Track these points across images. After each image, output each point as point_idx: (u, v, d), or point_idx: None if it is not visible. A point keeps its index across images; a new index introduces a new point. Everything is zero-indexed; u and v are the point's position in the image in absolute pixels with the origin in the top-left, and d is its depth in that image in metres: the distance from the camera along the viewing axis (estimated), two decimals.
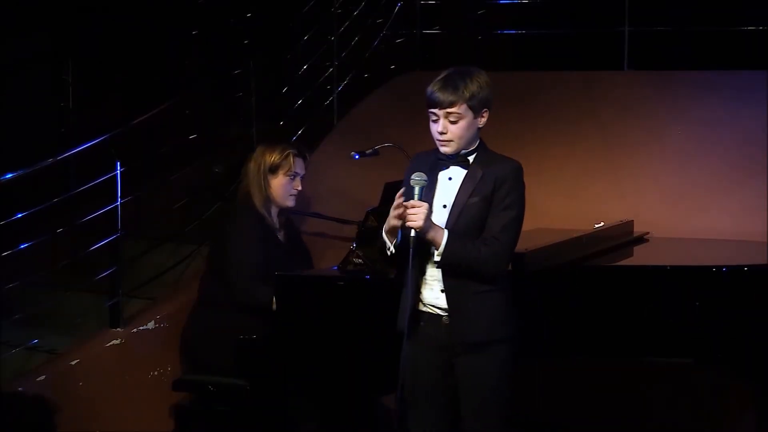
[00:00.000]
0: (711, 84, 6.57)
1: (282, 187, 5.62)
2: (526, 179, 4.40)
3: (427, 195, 4.32)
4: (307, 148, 6.02)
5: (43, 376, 5.67)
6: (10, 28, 7.38)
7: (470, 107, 4.31)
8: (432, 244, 4.27)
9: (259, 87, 6.74)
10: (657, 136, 6.40)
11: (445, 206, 4.34)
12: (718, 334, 4.82)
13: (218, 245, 5.63)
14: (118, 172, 5.88)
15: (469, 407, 4.35)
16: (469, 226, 4.29)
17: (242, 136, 6.73)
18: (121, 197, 5.89)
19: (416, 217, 4.18)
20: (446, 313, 4.33)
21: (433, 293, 4.36)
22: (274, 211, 5.66)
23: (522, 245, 4.93)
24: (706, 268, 4.87)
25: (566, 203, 6.20)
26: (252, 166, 5.63)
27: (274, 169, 5.61)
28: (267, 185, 5.60)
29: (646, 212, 5.96)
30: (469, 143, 4.36)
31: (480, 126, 4.36)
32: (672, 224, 5.95)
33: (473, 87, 4.31)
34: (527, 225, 5.93)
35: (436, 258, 4.29)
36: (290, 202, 5.66)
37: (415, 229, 4.18)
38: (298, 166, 5.65)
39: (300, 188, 5.66)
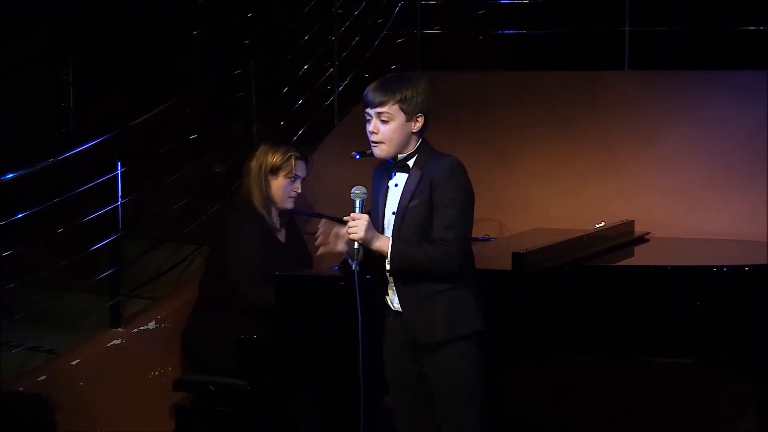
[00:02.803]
0: (711, 84, 6.57)
1: (281, 189, 5.62)
2: (526, 179, 4.41)
3: (378, 204, 4.37)
4: (309, 149, 6.02)
5: (43, 376, 5.67)
6: (10, 28, 7.37)
7: (402, 109, 4.31)
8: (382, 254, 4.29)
9: (259, 87, 6.74)
10: (657, 136, 6.40)
11: (394, 213, 4.36)
12: (718, 334, 4.82)
13: (218, 245, 5.63)
14: (119, 172, 5.88)
15: (439, 405, 4.38)
16: (413, 230, 4.29)
17: (242, 136, 6.72)
18: (121, 197, 5.89)
19: (356, 229, 4.23)
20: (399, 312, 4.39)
21: (392, 293, 4.42)
22: (274, 211, 5.66)
23: (522, 245, 4.94)
24: (706, 268, 4.87)
25: (566, 203, 6.20)
26: (254, 164, 5.64)
27: (274, 170, 5.61)
28: (267, 185, 5.61)
29: (646, 212, 5.96)
30: (403, 147, 4.35)
31: (414, 131, 4.35)
32: (672, 224, 5.95)
33: (407, 91, 4.31)
34: (528, 225, 5.97)
35: (388, 267, 4.32)
36: (289, 204, 5.67)
37: (357, 242, 4.23)
38: (299, 169, 5.65)
39: (299, 191, 5.66)
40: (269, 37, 7.44)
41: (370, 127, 4.35)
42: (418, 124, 4.34)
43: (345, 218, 4.27)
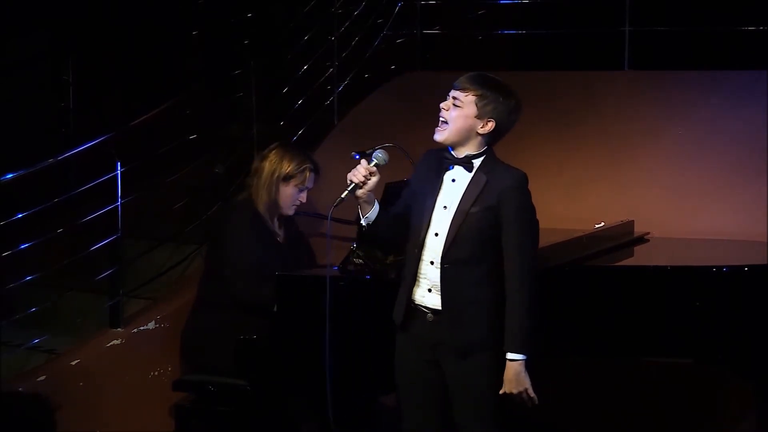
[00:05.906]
0: (711, 84, 6.57)
1: (289, 197, 5.61)
2: None
3: (426, 192, 4.36)
4: (309, 149, 6.02)
5: (43, 376, 5.67)
6: (10, 28, 7.38)
7: (476, 104, 4.31)
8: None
9: (259, 87, 6.74)
10: (657, 136, 6.40)
11: (445, 207, 4.35)
12: (718, 334, 4.82)
13: (216, 245, 5.63)
14: (119, 172, 5.88)
15: (460, 409, 4.38)
16: (472, 235, 4.30)
17: (242, 136, 6.73)
18: (121, 197, 5.89)
19: (359, 174, 4.36)
20: (430, 311, 4.37)
21: (420, 290, 4.39)
22: (276, 214, 5.66)
23: None
24: (706, 268, 4.87)
25: (566, 203, 6.20)
26: (266, 167, 5.60)
27: (287, 178, 5.60)
28: (276, 191, 5.59)
29: (646, 212, 5.96)
30: (463, 141, 4.35)
31: (479, 132, 4.34)
32: (672, 224, 5.95)
33: (492, 91, 4.33)
34: None
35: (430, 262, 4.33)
36: (291, 212, 5.66)
37: (355, 183, 4.36)
38: (310, 181, 5.66)
39: (304, 201, 5.66)
40: (269, 37, 7.45)
41: (443, 104, 4.38)
42: (485, 128, 4.34)
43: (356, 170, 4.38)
